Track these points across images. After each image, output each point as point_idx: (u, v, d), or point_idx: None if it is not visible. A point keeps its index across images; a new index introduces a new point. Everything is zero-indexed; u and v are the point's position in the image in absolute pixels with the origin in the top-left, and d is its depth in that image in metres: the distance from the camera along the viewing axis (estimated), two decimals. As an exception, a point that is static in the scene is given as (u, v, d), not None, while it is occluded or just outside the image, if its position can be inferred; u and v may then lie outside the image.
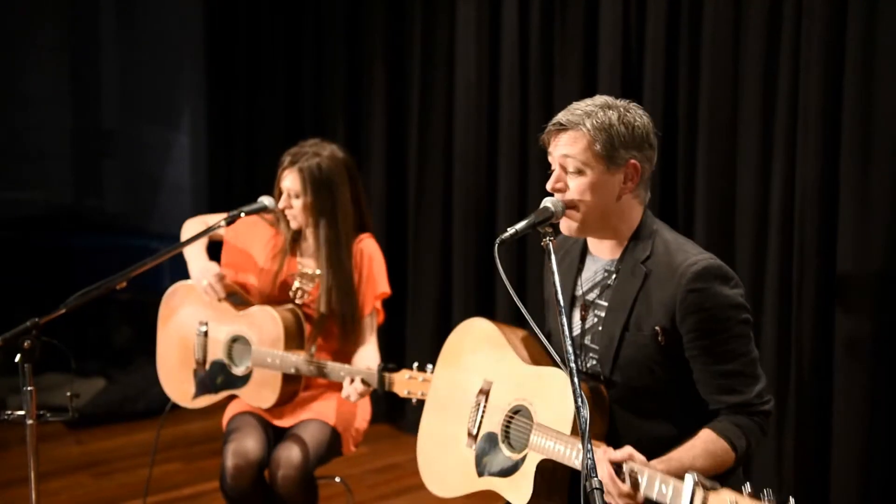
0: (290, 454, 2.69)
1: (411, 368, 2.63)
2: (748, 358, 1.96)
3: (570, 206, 1.97)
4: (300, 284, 2.89)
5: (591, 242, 2.11)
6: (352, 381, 2.67)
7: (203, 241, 2.90)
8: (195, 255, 2.89)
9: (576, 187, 1.96)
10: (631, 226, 2.03)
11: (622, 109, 1.99)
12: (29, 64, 6.13)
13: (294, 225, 2.88)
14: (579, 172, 1.96)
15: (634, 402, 2.01)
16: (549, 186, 2.00)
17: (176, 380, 2.93)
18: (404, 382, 2.62)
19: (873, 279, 2.92)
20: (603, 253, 2.08)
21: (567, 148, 1.96)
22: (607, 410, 2.02)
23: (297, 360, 2.73)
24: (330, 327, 2.86)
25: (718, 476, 1.83)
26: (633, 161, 1.97)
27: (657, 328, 1.95)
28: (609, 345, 2.02)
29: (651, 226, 2.04)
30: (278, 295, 2.89)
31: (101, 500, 3.80)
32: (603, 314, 2.05)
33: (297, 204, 2.83)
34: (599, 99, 2.02)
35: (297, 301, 2.90)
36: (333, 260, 2.82)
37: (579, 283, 2.11)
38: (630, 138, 1.96)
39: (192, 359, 2.88)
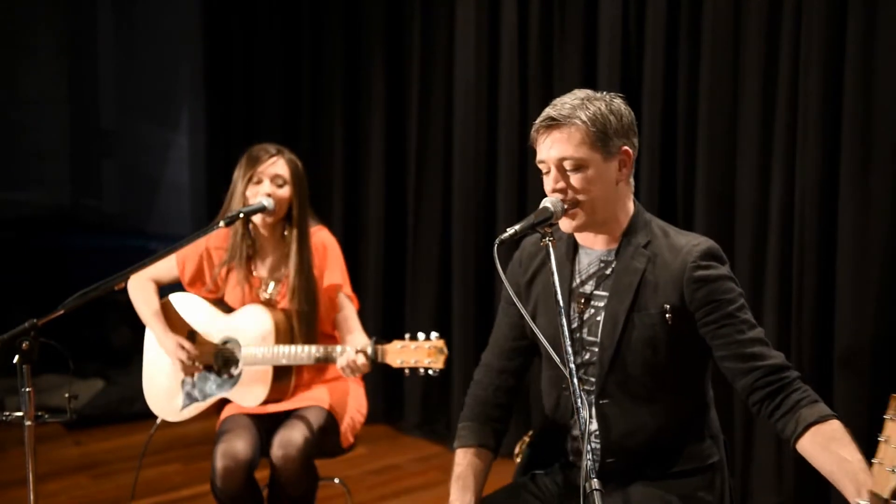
0: (291, 435, 2.65)
1: (403, 338, 2.60)
2: (760, 329, 1.98)
3: (574, 204, 1.96)
4: (268, 291, 2.88)
5: (583, 236, 2.09)
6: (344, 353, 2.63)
7: (160, 316, 2.87)
8: (161, 329, 2.85)
9: (578, 183, 1.95)
10: (627, 214, 2.04)
11: (607, 99, 2.00)
12: (27, 64, 6.13)
13: (262, 221, 2.80)
14: (579, 168, 1.95)
15: (633, 386, 2.00)
16: (548, 189, 1.98)
17: (164, 395, 2.86)
18: (396, 352, 2.58)
19: (873, 279, 2.92)
20: (597, 244, 2.07)
21: (562, 146, 1.95)
22: None
23: (290, 349, 2.70)
24: (295, 322, 2.83)
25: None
26: (625, 147, 1.99)
27: (666, 306, 1.95)
28: (613, 329, 2.00)
29: (644, 215, 2.07)
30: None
31: (100, 501, 3.79)
32: (602, 304, 2.04)
33: (281, 193, 2.79)
34: (581, 93, 2.01)
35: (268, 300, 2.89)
36: (303, 257, 2.81)
37: (575, 276, 2.10)
38: (619, 126, 1.98)
39: (180, 372, 2.84)
